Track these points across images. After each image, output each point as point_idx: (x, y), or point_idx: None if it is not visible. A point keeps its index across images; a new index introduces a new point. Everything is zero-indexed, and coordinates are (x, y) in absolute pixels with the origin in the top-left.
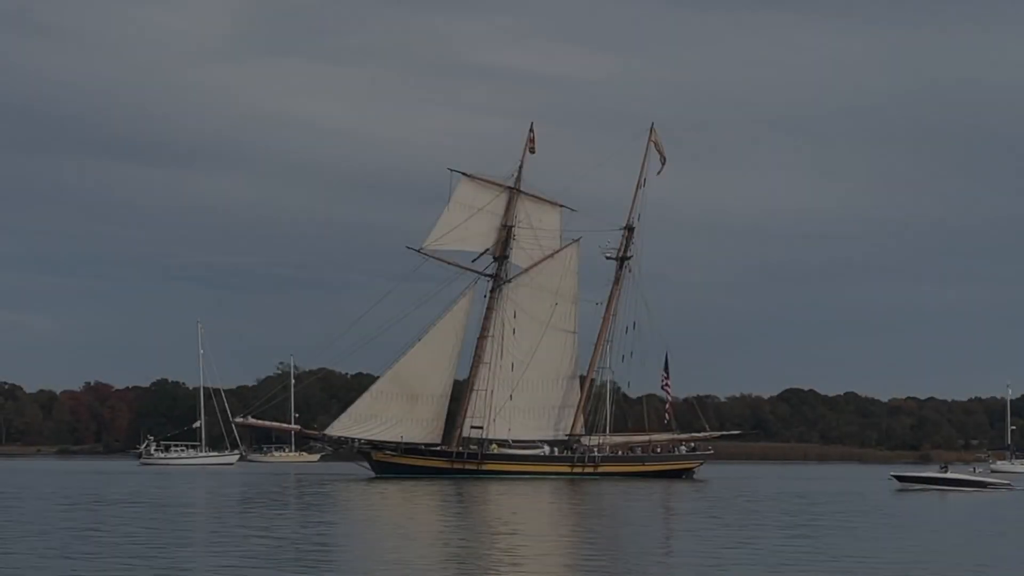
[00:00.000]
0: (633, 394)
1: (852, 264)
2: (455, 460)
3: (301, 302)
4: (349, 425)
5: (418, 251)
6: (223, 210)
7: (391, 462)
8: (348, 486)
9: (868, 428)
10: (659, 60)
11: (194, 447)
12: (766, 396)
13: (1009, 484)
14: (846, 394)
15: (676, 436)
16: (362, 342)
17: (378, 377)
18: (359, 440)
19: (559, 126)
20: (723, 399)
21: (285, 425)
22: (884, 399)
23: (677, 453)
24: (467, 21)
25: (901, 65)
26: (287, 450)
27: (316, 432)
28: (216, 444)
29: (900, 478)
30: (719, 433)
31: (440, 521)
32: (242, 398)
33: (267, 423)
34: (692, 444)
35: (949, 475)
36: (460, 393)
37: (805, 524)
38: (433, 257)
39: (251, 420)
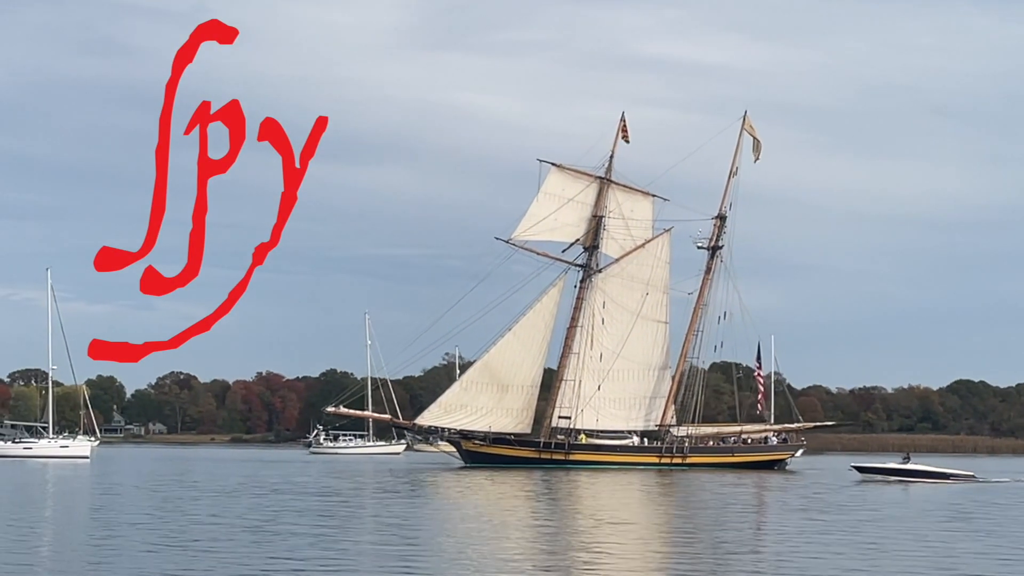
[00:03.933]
0: (797, 385)
1: None
2: (543, 450)
3: (468, 293)
4: (439, 415)
5: (507, 242)
6: (390, 202)
7: (480, 451)
8: (440, 475)
9: None
10: (818, 48)
11: (362, 436)
12: (935, 387)
13: (972, 475)
14: (1018, 386)
15: (768, 427)
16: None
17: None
18: (449, 430)
19: (716, 115)
20: (890, 390)
21: (378, 415)
22: None
23: (768, 444)
24: (631, 14)
25: None
26: None
27: (406, 422)
28: (383, 434)
29: (860, 469)
30: (812, 424)
31: (531, 510)
32: (409, 388)
33: (359, 412)
34: (783, 435)
35: (910, 466)
36: (549, 383)
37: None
38: (523, 248)
39: (342, 409)
